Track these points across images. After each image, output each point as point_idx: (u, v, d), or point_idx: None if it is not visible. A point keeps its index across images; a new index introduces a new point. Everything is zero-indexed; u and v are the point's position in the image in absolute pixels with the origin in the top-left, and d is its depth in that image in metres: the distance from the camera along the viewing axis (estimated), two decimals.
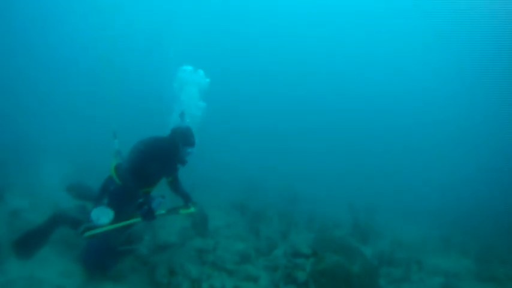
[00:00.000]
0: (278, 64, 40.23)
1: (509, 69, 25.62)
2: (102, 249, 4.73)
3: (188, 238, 6.77)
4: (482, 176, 21.76)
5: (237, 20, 38.97)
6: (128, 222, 4.74)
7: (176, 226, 6.86)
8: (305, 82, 39.39)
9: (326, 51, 39.79)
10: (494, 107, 26.00)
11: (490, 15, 25.92)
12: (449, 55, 32.38)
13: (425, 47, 34.53)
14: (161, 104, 5.89)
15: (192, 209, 5.09)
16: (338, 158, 25.76)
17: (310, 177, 17.40)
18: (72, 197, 5.95)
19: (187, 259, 5.64)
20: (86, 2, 31.63)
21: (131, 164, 4.86)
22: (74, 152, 10.64)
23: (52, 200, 6.59)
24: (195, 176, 11.37)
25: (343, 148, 28.87)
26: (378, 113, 36.17)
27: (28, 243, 4.75)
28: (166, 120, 5.54)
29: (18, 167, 9.48)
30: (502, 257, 8.64)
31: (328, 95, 38.30)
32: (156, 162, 5.01)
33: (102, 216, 4.76)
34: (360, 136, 32.43)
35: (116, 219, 4.71)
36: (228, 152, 21.34)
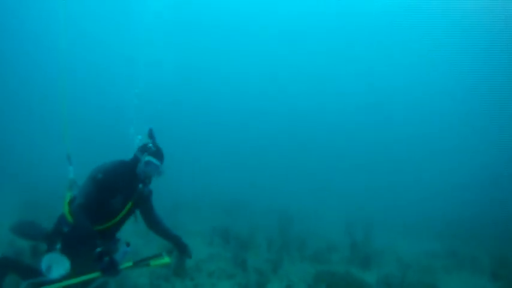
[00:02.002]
0: (264, 73, 39.38)
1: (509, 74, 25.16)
2: None
3: (162, 279, 5.56)
4: (479, 182, 21.08)
5: (230, 25, 38.04)
6: (84, 278, 3.48)
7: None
8: (294, 91, 38.56)
9: (319, 62, 39.10)
10: (494, 112, 25.45)
11: (490, 18, 25.58)
12: (448, 62, 32.05)
13: (423, 52, 34.16)
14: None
15: (165, 259, 3.77)
16: (327, 171, 24.84)
17: (299, 194, 16.30)
18: (19, 239, 4.70)
19: None
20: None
21: (86, 199, 3.63)
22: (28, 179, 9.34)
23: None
24: (171, 197, 10.22)
25: (333, 161, 28.02)
26: (370, 123, 35.60)
27: None
28: (131, 142, 4.33)
29: None
30: None
31: (318, 106, 37.55)
32: (119, 194, 3.77)
33: (55, 266, 3.49)
34: (350, 148, 31.69)
35: (73, 271, 3.45)
36: (209, 169, 20.19)
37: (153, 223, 4.11)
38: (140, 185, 3.82)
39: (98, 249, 3.28)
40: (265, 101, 38.29)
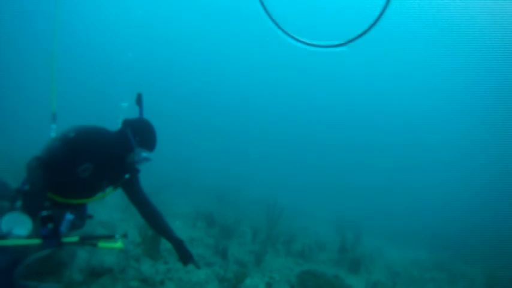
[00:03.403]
0: (262, 66, 38.75)
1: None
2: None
3: (133, 260, 5.06)
4: (468, 195, 20.73)
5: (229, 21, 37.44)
6: (20, 241, 2.94)
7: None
8: (290, 86, 38.02)
9: (320, 59, 38.53)
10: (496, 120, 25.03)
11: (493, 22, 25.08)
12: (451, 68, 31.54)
13: (428, 59, 33.62)
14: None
15: (117, 244, 3.11)
16: (323, 169, 24.42)
17: (290, 189, 15.84)
18: None
19: None
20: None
21: (48, 155, 3.07)
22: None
23: None
24: (158, 177, 9.69)
25: (327, 160, 27.59)
26: (368, 126, 35.21)
27: None
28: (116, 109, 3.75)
29: None
30: None
31: (314, 104, 37.08)
32: (89, 162, 3.17)
33: (16, 226, 2.96)
34: (345, 148, 31.27)
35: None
36: (200, 154, 19.65)
37: (143, 205, 3.45)
38: (127, 175, 3.27)
39: (44, 213, 2.74)
40: (262, 95, 37.94)
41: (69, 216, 2.90)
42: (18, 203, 3.21)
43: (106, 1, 31.13)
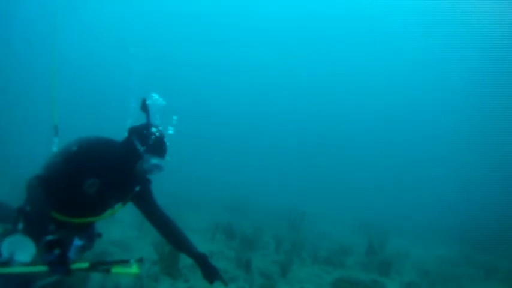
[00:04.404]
0: (269, 69, 38.66)
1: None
2: None
3: (151, 279, 4.71)
4: (487, 188, 20.14)
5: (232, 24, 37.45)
6: (24, 269, 2.60)
7: (135, 256, 4.76)
8: (304, 90, 37.83)
9: (325, 61, 38.38)
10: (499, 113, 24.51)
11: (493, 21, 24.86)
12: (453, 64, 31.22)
13: (429, 57, 33.42)
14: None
15: (133, 269, 2.74)
16: (338, 171, 23.99)
17: (307, 195, 15.43)
18: None
19: None
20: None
21: (49, 172, 2.74)
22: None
23: None
24: (170, 193, 9.34)
25: (342, 161, 27.17)
26: (383, 126, 34.82)
27: None
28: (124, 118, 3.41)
29: None
30: None
31: (329, 106, 36.77)
32: (95, 177, 2.84)
33: (18, 251, 2.62)
34: (359, 150, 30.84)
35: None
36: (213, 164, 19.31)
37: (158, 219, 3.09)
38: (137, 188, 2.92)
39: (49, 238, 2.40)
40: (275, 98, 37.66)
41: (77, 242, 2.54)
42: (20, 225, 2.88)
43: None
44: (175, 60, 34.51)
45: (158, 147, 2.88)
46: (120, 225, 7.19)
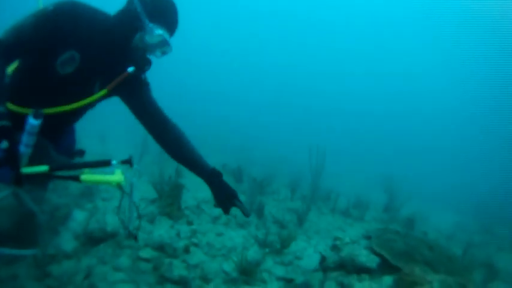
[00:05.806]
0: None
1: None
2: None
3: (145, 220, 3.94)
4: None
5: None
6: None
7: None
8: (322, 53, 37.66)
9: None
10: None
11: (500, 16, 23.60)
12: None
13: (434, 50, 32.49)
14: None
15: (115, 176, 1.82)
16: (353, 132, 23.52)
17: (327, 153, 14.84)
18: None
19: (133, 271, 2.83)
20: None
21: (14, 36, 1.81)
22: None
23: None
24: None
25: (360, 123, 26.73)
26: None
27: None
28: None
29: None
30: None
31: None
32: (73, 49, 1.94)
33: None
34: (380, 113, 30.57)
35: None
36: (228, 106, 18.63)
37: (157, 120, 2.19)
38: (131, 68, 1.97)
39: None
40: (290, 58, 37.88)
41: (32, 121, 1.61)
42: None
43: None
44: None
45: (164, 11, 1.98)
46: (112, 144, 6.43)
